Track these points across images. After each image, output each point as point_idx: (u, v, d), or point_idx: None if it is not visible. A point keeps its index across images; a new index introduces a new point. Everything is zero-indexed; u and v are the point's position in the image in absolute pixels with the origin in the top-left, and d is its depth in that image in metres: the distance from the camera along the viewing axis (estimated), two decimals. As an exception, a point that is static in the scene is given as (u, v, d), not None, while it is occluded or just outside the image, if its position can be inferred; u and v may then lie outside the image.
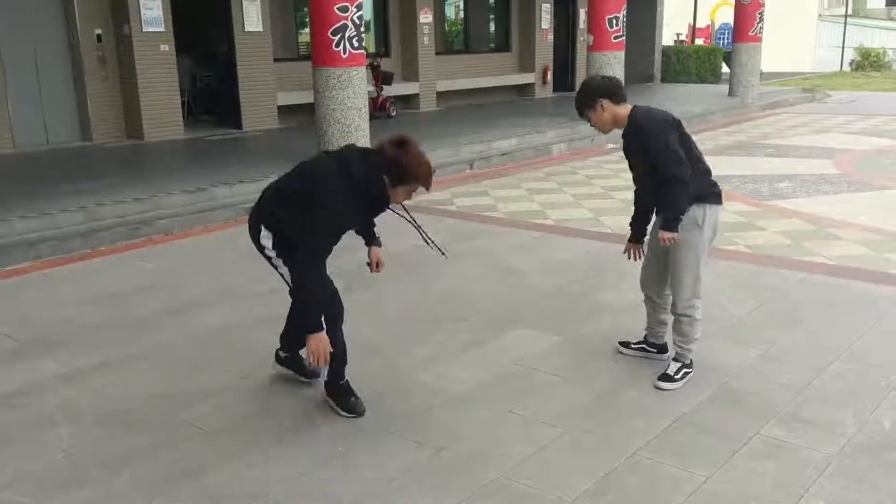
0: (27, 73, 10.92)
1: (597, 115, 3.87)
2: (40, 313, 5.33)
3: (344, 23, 8.93)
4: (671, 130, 3.82)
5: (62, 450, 3.53)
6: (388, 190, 3.46)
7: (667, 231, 3.83)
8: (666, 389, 3.95)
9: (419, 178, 3.45)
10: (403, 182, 3.44)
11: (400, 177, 3.41)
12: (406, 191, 3.50)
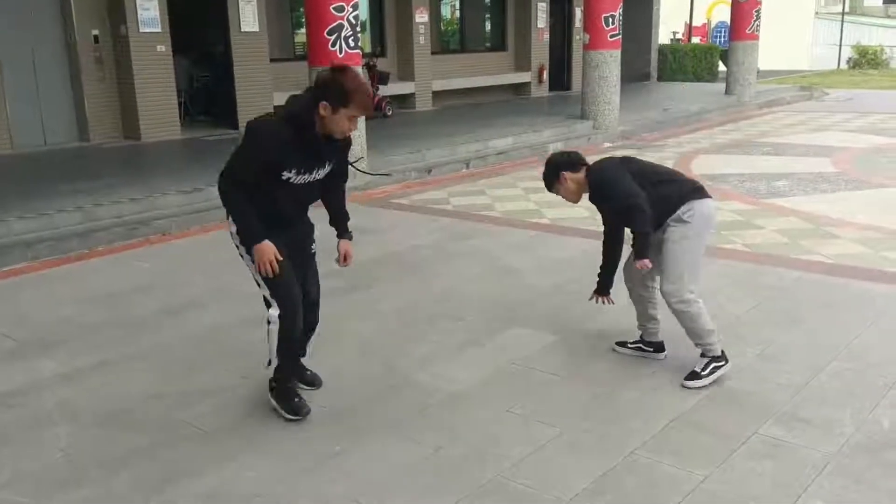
0: (24, 73, 10.90)
1: (563, 187, 4.13)
2: (38, 313, 5.32)
3: (340, 22, 8.92)
4: (622, 174, 3.99)
5: (60, 449, 3.53)
6: (317, 116, 3.38)
7: (639, 259, 3.90)
8: (691, 388, 3.91)
9: (356, 99, 3.35)
10: (344, 103, 3.34)
11: (339, 97, 3.33)
12: (347, 116, 3.38)
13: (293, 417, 3.74)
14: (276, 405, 3.78)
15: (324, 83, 3.39)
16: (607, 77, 13.01)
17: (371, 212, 8.20)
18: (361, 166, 3.96)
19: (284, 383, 3.81)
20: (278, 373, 3.77)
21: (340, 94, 3.34)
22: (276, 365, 3.74)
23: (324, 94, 3.37)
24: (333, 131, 3.45)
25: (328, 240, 3.87)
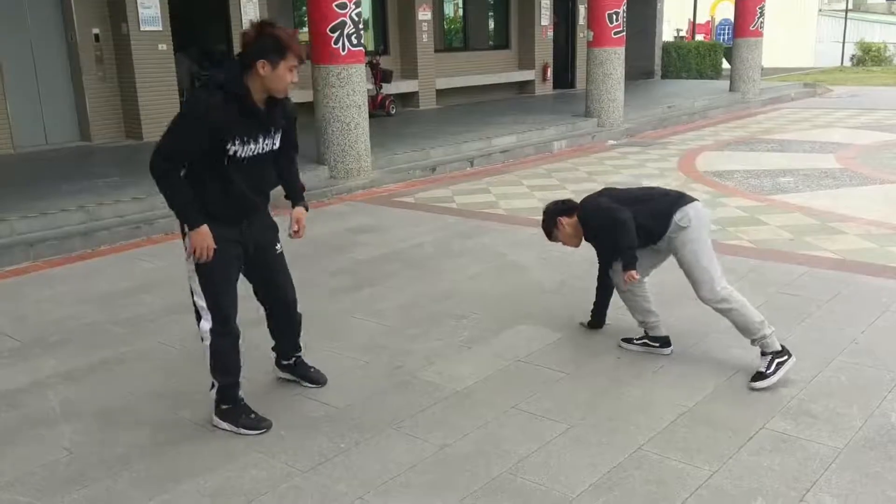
0: (25, 73, 10.89)
1: (562, 232, 4.34)
2: (40, 313, 5.30)
3: (342, 20, 8.90)
4: (606, 203, 4.17)
5: (63, 448, 3.51)
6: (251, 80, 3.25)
7: (626, 270, 4.03)
8: (759, 389, 3.84)
9: (294, 46, 3.25)
10: (282, 55, 3.22)
11: (277, 50, 3.21)
12: (288, 67, 3.25)
13: (253, 433, 3.56)
14: (229, 427, 3.57)
15: (254, 41, 3.24)
16: (611, 74, 12.97)
17: (375, 210, 8.18)
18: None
19: (232, 402, 3.62)
20: (224, 394, 3.60)
21: (277, 46, 3.22)
22: (219, 386, 3.58)
23: (259, 53, 3.22)
24: (276, 89, 3.30)
25: (336, 238, 3.82)
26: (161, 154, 3.26)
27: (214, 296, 3.48)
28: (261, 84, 3.28)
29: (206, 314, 3.49)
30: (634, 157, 10.94)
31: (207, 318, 3.49)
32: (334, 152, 9.22)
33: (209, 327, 3.49)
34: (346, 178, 9.21)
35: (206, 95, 3.26)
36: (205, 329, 3.50)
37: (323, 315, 5.10)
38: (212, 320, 3.48)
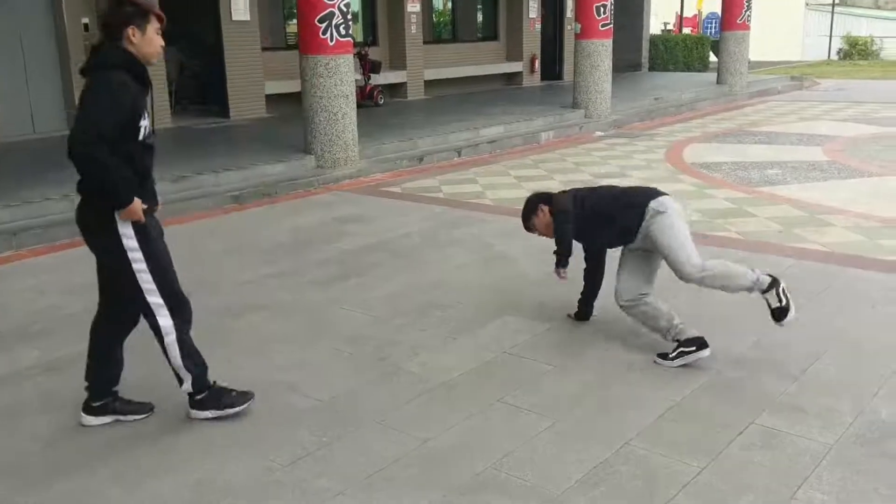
0: (13, 61, 10.73)
1: (540, 220, 4.36)
2: (22, 302, 5.22)
3: (331, 10, 8.81)
4: (565, 204, 4.26)
5: (42, 439, 3.46)
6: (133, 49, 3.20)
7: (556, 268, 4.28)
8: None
9: (153, 5, 3.26)
10: (146, 17, 3.22)
11: (141, 13, 3.20)
12: (155, 30, 3.25)
13: (244, 405, 3.57)
14: (213, 413, 3.52)
15: (114, 13, 3.21)
16: (599, 66, 12.94)
17: (362, 199, 8.11)
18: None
19: (210, 387, 3.56)
20: (198, 383, 3.51)
21: (138, 10, 3.21)
22: (193, 377, 3.48)
23: (123, 21, 3.19)
24: (150, 53, 3.26)
25: (322, 227, 3.75)
26: (87, 133, 3.06)
27: (170, 287, 3.40)
28: (136, 52, 3.23)
29: (163, 310, 3.38)
30: (622, 149, 10.91)
31: (164, 314, 3.38)
32: (321, 142, 9.14)
33: (170, 322, 3.40)
34: (333, 167, 9.13)
35: (114, 73, 3.15)
36: (166, 325, 3.39)
37: (308, 305, 5.04)
38: (170, 314, 3.39)
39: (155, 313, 3.38)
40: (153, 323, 3.40)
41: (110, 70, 3.17)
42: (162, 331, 3.40)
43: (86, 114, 3.10)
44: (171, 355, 3.44)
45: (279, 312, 4.95)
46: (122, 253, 3.27)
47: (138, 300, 3.36)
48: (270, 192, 8.29)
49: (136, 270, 3.30)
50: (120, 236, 3.25)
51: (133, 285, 3.32)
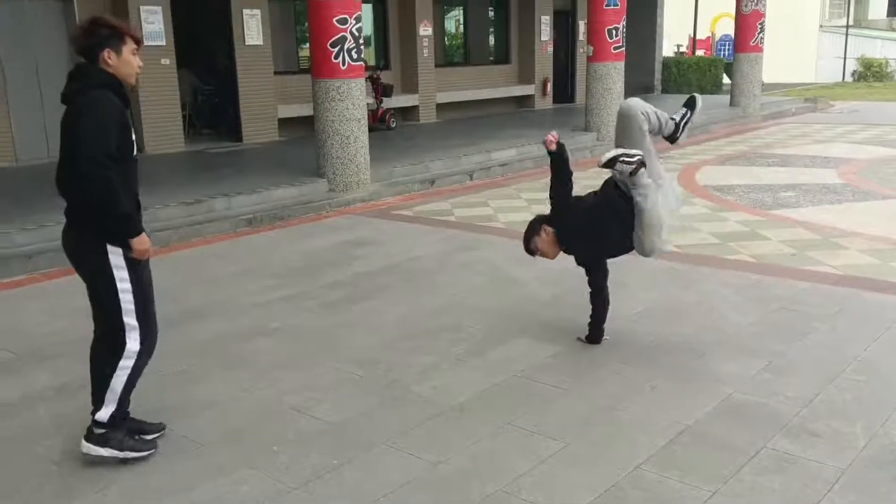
0: (29, 87, 10.90)
1: (542, 240, 4.46)
2: (36, 325, 5.26)
3: (343, 34, 8.90)
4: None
5: (53, 463, 3.46)
6: (111, 70, 3.23)
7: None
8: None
9: (127, 28, 3.28)
10: (122, 39, 3.24)
11: (115, 35, 3.22)
12: (131, 51, 3.27)
13: (148, 451, 3.44)
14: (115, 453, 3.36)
15: (88, 35, 3.21)
16: (611, 89, 12.98)
17: (374, 223, 8.14)
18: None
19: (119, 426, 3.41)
20: (116, 417, 3.37)
21: (113, 32, 3.23)
22: (116, 410, 3.36)
23: (97, 44, 3.20)
24: (128, 74, 3.28)
25: (334, 250, 3.77)
26: (94, 154, 3.06)
27: (146, 311, 3.38)
28: (114, 74, 3.25)
29: (135, 334, 3.34)
30: (635, 172, 10.89)
31: (135, 337, 3.34)
32: (333, 165, 9.20)
33: (138, 348, 3.35)
34: (345, 191, 9.18)
35: (100, 94, 3.18)
36: (132, 350, 3.34)
37: (319, 328, 5.05)
38: (139, 339, 3.35)
39: (126, 334, 3.33)
40: (120, 341, 3.33)
41: (95, 90, 3.18)
42: (125, 352, 3.33)
43: (86, 136, 3.08)
44: (115, 378, 3.34)
45: (290, 335, 4.96)
46: (109, 272, 3.26)
47: (115, 317, 3.32)
48: (283, 216, 8.34)
49: (119, 290, 3.28)
50: (108, 255, 3.24)
51: (114, 303, 3.30)
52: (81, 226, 3.27)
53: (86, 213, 3.21)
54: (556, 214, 4.47)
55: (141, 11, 11.24)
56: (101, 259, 3.24)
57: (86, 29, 3.23)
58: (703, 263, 6.16)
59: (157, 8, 11.43)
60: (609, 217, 4.31)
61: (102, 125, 3.12)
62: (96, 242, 3.23)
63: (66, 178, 3.22)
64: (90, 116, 3.12)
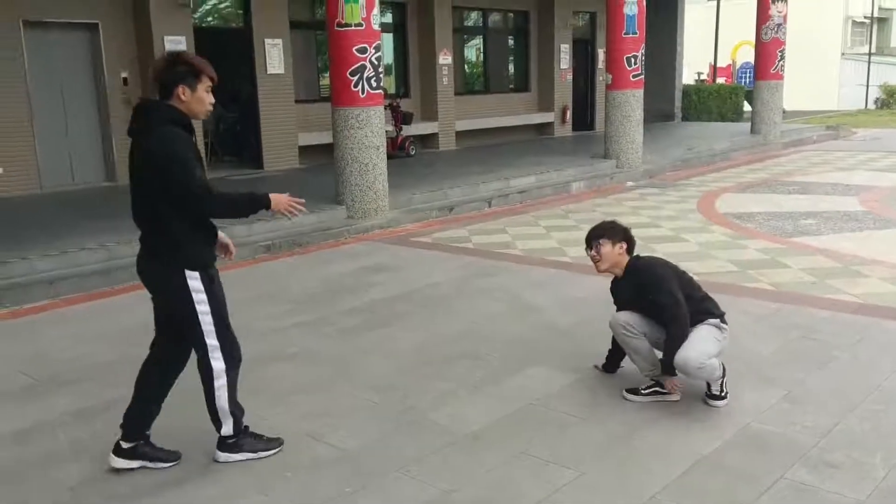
0: (55, 115, 11.11)
1: (609, 250, 4.22)
2: (56, 351, 5.32)
3: (362, 63, 9.01)
4: (672, 277, 4.15)
5: (69, 488, 3.49)
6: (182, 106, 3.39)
7: (668, 373, 4.08)
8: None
9: (206, 67, 3.43)
10: (199, 77, 3.39)
11: (192, 73, 3.38)
12: (206, 88, 3.43)
13: (277, 449, 3.70)
14: (245, 456, 3.64)
15: (167, 70, 3.37)
16: (630, 116, 13.00)
17: (392, 249, 8.17)
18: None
19: (247, 431, 3.70)
20: (237, 427, 3.64)
21: (191, 69, 3.38)
22: (234, 421, 3.61)
23: (176, 79, 3.35)
24: (199, 111, 3.43)
25: (352, 277, 3.80)
26: (199, 189, 3.30)
27: (225, 331, 3.54)
28: (185, 110, 3.40)
29: (218, 353, 3.51)
30: (653, 199, 10.89)
31: (218, 356, 3.52)
32: (352, 192, 9.27)
33: (223, 366, 3.52)
34: (364, 217, 9.24)
35: (170, 131, 3.32)
36: (219, 369, 3.52)
37: (336, 354, 5.07)
38: (222, 357, 3.52)
39: (210, 355, 3.50)
40: (206, 363, 3.51)
41: (165, 126, 3.33)
42: (214, 373, 3.52)
43: (179, 174, 3.26)
44: (218, 397, 3.54)
45: (307, 361, 4.98)
46: (188, 294, 3.41)
47: (198, 340, 3.49)
48: (301, 242, 8.40)
49: (199, 312, 3.43)
50: (187, 280, 3.39)
51: (194, 326, 3.46)
52: (158, 256, 3.44)
53: (163, 245, 3.40)
54: (669, 311, 4.06)
55: (165, 41, 11.44)
56: (180, 285, 3.39)
57: (166, 64, 3.40)
58: (721, 291, 6.09)
59: (180, 38, 11.63)
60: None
61: (186, 160, 3.28)
62: (175, 270, 3.40)
63: (143, 212, 3.43)
64: (171, 152, 3.27)
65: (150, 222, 3.42)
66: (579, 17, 19.23)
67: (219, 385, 3.53)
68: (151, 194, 3.34)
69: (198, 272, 3.41)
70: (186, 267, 3.39)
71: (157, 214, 3.36)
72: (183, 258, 3.39)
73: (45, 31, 10.88)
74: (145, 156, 3.33)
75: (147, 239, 3.48)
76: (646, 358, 4.18)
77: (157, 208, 3.35)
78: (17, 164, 10.66)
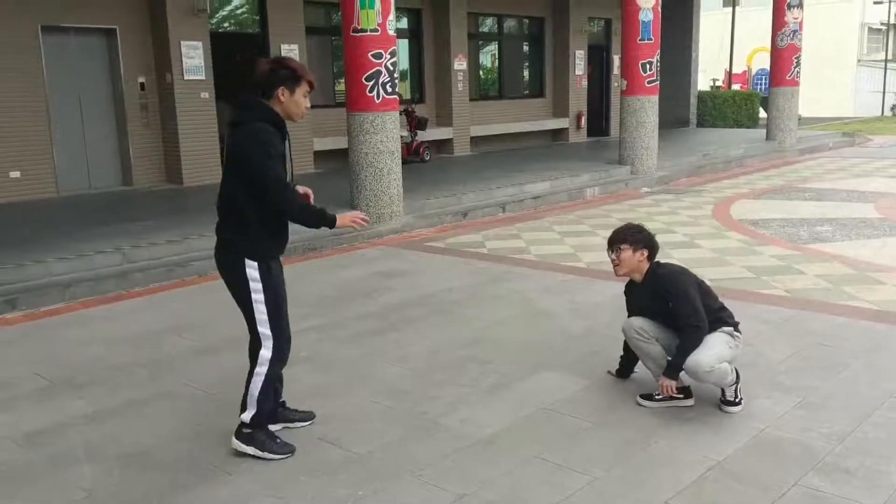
0: (72, 120, 11.22)
1: (630, 256, 4.20)
2: (71, 353, 5.36)
3: (378, 69, 9.04)
4: (696, 292, 4.10)
5: (84, 489, 3.51)
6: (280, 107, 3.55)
7: (669, 378, 4.03)
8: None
9: (306, 72, 3.59)
10: (298, 81, 3.55)
11: (293, 77, 3.54)
12: (304, 93, 3.59)
13: (286, 455, 3.71)
14: (257, 452, 3.69)
15: (270, 73, 3.54)
16: (645, 122, 12.98)
17: (405, 254, 8.19)
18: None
19: (263, 427, 3.76)
20: (257, 419, 3.71)
21: (293, 75, 3.55)
22: (257, 411, 3.69)
23: (278, 82, 3.52)
24: (295, 113, 3.60)
25: (366, 281, 3.82)
26: (280, 188, 3.48)
27: (279, 321, 3.69)
28: (281, 110, 3.57)
29: (269, 342, 3.67)
30: (668, 205, 10.86)
31: (269, 346, 3.67)
32: (366, 197, 9.29)
33: (269, 356, 3.66)
34: (378, 222, 9.26)
35: (262, 126, 3.49)
36: (265, 357, 3.66)
37: (348, 359, 5.08)
38: (272, 348, 3.66)
39: (262, 343, 3.66)
40: (256, 348, 3.67)
41: (257, 122, 3.50)
42: (259, 360, 3.66)
43: (260, 169, 3.44)
44: (253, 383, 3.67)
45: (320, 365, 4.99)
46: (246, 283, 3.60)
47: (252, 326, 3.67)
48: (316, 247, 8.42)
49: (254, 301, 3.62)
50: (246, 268, 3.58)
51: (250, 312, 3.65)
52: (227, 243, 3.63)
53: (232, 232, 3.59)
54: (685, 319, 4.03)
55: (182, 46, 11.54)
56: (240, 272, 3.60)
57: (271, 67, 3.57)
58: (736, 297, 6.08)
59: (197, 43, 11.72)
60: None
61: (267, 153, 3.45)
62: (237, 257, 3.59)
63: (223, 201, 3.60)
64: (260, 149, 3.45)
65: (228, 211, 3.59)
66: (594, 23, 19.23)
67: (258, 371, 3.67)
68: (232, 184, 3.53)
69: (256, 262, 3.57)
70: (247, 255, 3.57)
71: (234, 204, 3.54)
72: (246, 247, 3.57)
73: (64, 36, 10.99)
74: (232, 147, 3.52)
75: (221, 227, 3.65)
76: (658, 363, 4.17)
77: (236, 198, 3.53)
78: (34, 167, 10.76)
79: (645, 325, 4.19)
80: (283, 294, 3.75)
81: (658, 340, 4.17)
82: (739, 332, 4.17)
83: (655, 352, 4.17)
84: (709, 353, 3.92)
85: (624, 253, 4.21)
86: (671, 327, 4.12)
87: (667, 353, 4.14)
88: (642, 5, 12.60)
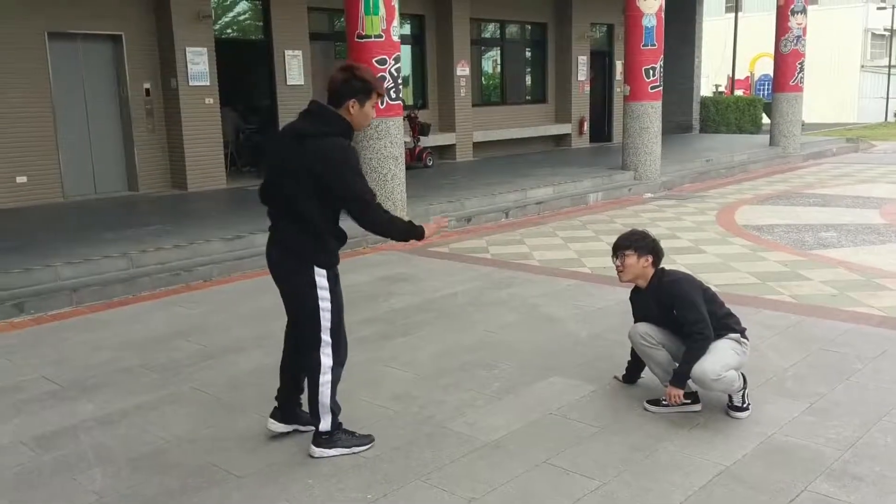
0: (78, 125, 11.25)
1: (634, 262, 4.19)
2: (80, 357, 5.37)
3: (381, 74, 9.05)
4: (701, 300, 4.10)
5: (94, 492, 3.52)
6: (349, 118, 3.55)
7: (676, 387, 4.03)
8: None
9: (378, 84, 3.61)
10: (369, 94, 3.56)
11: (365, 90, 3.55)
12: (372, 105, 3.60)
13: (369, 444, 3.81)
14: (345, 451, 3.76)
15: (343, 83, 3.54)
16: (648, 128, 13.00)
17: (410, 259, 8.20)
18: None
19: (341, 428, 3.81)
20: (334, 424, 3.76)
21: (366, 87, 3.55)
22: (332, 417, 3.74)
23: (349, 94, 3.53)
24: (362, 124, 3.62)
25: (370, 286, 3.84)
26: (373, 204, 3.56)
27: (339, 329, 3.73)
28: (350, 121, 3.58)
29: (329, 349, 3.69)
30: (672, 210, 10.87)
31: (328, 353, 3.68)
32: (371, 203, 9.29)
33: (331, 363, 3.69)
34: (383, 228, 9.26)
35: (343, 141, 3.53)
36: (326, 365, 3.68)
37: (354, 364, 5.06)
38: (332, 353, 3.69)
39: (321, 350, 3.67)
40: (315, 358, 3.67)
41: (338, 137, 3.52)
42: (321, 368, 3.67)
43: (352, 187, 3.49)
44: (321, 393, 3.68)
45: (327, 370, 4.99)
46: (314, 290, 3.61)
47: (313, 334, 3.67)
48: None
49: (321, 308, 3.63)
50: (315, 275, 3.60)
51: (315, 320, 3.64)
52: (293, 251, 3.63)
53: (300, 242, 3.60)
54: (691, 324, 4.03)
55: (187, 52, 11.58)
56: (309, 281, 3.60)
57: (345, 78, 3.55)
58: (742, 303, 6.09)
59: (202, 49, 11.76)
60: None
61: (357, 170, 3.54)
62: (306, 266, 3.60)
63: (286, 208, 3.59)
64: (348, 165, 3.49)
65: (291, 219, 3.58)
66: (597, 28, 19.27)
67: (324, 381, 3.68)
68: (302, 193, 3.49)
69: (325, 270, 3.61)
70: (317, 264, 3.59)
71: (300, 212, 3.53)
72: (315, 256, 3.59)
73: (70, 42, 11.03)
74: (313, 157, 3.46)
75: (283, 234, 3.66)
76: (665, 369, 4.18)
77: (304, 206, 3.51)
78: (40, 173, 10.80)
79: (651, 330, 4.20)
80: (342, 300, 3.77)
81: (664, 346, 4.18)
82: (747, 338, 4.18)
83: (662, 357, 4.18)
84: (715, 361, 3.93)
85: (628, 259, 4.21)
86: (677, 334, 4.13)
87: (673, 359, 4.15)
88: (646, 11, 12.63)
